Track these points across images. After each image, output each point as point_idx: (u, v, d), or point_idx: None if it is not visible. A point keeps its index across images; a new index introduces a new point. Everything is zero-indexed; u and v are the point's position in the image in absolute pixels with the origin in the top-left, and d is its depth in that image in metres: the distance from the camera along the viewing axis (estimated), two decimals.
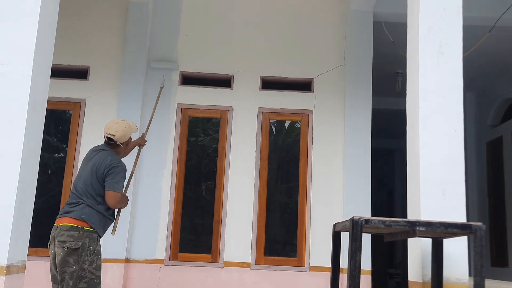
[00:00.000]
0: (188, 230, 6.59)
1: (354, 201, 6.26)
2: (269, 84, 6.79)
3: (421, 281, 3.56)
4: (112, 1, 6.90)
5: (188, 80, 6.81)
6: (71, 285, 3.77)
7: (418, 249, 3.63)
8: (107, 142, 4.14)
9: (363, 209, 6.16)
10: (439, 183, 3.67)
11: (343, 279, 5.32)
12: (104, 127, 4.16)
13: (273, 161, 6.70)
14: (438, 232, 3.15)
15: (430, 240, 3.49)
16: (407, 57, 4.12)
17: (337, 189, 6.43)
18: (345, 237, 3.66)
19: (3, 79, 3.64)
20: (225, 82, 6.78)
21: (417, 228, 3.00)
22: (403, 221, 3.03)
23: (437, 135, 3.76)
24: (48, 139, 6.51)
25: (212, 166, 6.68)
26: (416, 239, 3.61)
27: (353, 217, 3.01)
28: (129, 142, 4.27)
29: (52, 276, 3.93)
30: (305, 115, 6.70)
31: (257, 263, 6.33)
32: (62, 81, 6.55)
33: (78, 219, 3.84)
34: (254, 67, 6.79)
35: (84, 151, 6.38)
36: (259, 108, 6.70)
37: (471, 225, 3.00)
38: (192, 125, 6.79)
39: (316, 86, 6.73)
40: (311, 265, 6.30)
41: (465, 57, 4.08)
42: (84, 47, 6.76)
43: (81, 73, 6.72)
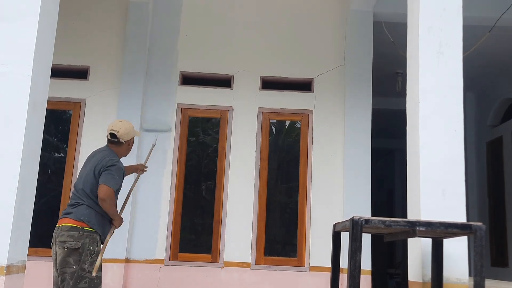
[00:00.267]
0: (188, 230, 6.59)
1: (354, 201, 6.26)
2: (269, 84, 6.79)
3: (421, 281, 3.56)
4: (112, 1, 6.90)
5: (188, 80, 6.81)
6: (71, 285, 3.79)
7: (418, 249, 3.63)
8: (110, 140, 4.17)
9: (363, 209, 6.16)
10: (439, 183, 3.67)
11: (343, 279, 5.32)
12: (108, 126, 4.21)
13: (273, 161, 6.70)
14: (438, 232, 3.15)
15: (430, 240, 3.49)
16: (407, 57, 4.12)
17: (337, 189, 6.43)
18: (345, 237, 3.66)
19: (3, 79, 3.64)
20: (225, 82, 6.78)
21: (417, 228, 3.00)
22: (403, 221, 3.03)
23: (437, 135, 3.76)
24: (48, 139, 6.51)
25: (212, 166, 6.68)
26: (416, 239, 3.61)
27: (353, 217, 3.01)
28: (131, 143, 4.28)
29: (54, 277, 3.94)
30: (305, 115, 6.70)
31: (257, 263, 6.33)
32: (62, 81, 6.56)
33: (78, 220, 3.87)
34: (254, 67, 6.79)
35: (84, 151, 6.45)
36: (259, 108, 6.70)
37: (471, 225, 3.00)
38: (192, 125, 6.79)
39: (316, 86, 6.73)
40: (311, 265, 6.30)
41: (465, 57, 4.08)
42: (84, 47, 6.76)
43: (81, 73, 6.72)
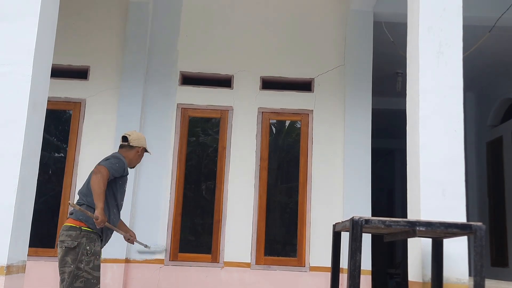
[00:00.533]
0: (188, 230, 6.59)
1: (354, 201, 6.26)
2: (269, 84, 6.79)
3: (421, 281, 3.55)
4: (112, 1, 6.90)
5: (188, 80, 6.80)
6: (67, 284, 3.80)
7: (418, 249, 3.62)
8: (121, 144, 4.35)
9: (363, 209, 6.16)
10: (439, 183, 3.66)
11: (343, 279, 5.32)
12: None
13: (273, 161, 6.70)
14: (438, 232, 3.15)
15: (430, 240, 3.49)
16: (407, 57, 4.12)
17: (337, 189, 6.43)
18: (345, 237, 3.66)
19: (3, 79, 3.63)
20: (225, 82, 6.78)
21: (417, 228, 3.00)
22: (403, 221, 3.03)
23: (437, 135, 3.76)
24: (48, 139, 6.50)
25: (212, 166, 6.68)
26: (416, 239, 3.61)
27: (353, 217, 3.01)
28: (141, 153, 4.41)
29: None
30: (305, 115, 6.70)
31: (257, 263, 6.33)
32: (62, 81, 6.55)
33: (76, 219, 3.94)
34: (254, 67, 6.79)
35: (84, 151, 6.45)
36: (259, 108, 6.70)
37: (471, 225, 3.00)
38: (192, 125, 6.79)
39: (316, 86, 6.73)
40: (311, 265, 6.30)
41: (465, 57, 4.08)
42: (84, 47, 6.76)
43: (81, 73, 6.72)
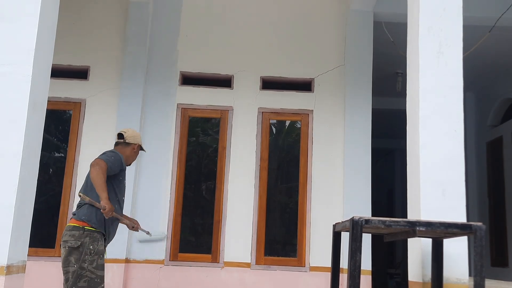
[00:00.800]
0: (188, 230, 6.59)
1: (354, 201, 6.26)
2: (269, 84, 6.79)
3: (421, 281, 3.55)
4: (112, 1, 6.90)
5: (188, 80, 6.80)
6: (71, 284, 3.81)
7: (418, 249, 3.62)
8: (117, 142, 4.35)
9: (363, 209, 6.16)
10: (439, 183, 3.66)
11: (343, 279, 5.32)
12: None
13: (273, 161, 6.69)
14: (438, 232, 3.15)
15: (430, 240, 3.49)
16: (407, 57, 4.12)
17: (337, 189, 6.43)
18: (345, 237, 3.66)
19: (3, 79, 3.63)
20: (225, 82, 6.78)
21: (417, 228, 3.00)
22: (403, 221, 3.03)
23: (437, 135, 3.76)
24: (48, 139, 6.50)
25: (212, 166, 6.68)
26: (416, 239, 3.61)
27: (353, 217, 3.01)
28: (136, 150, 4.40)
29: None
30: (305, 115, 6.70)
31: (257, 263, 6.33)
32: (62, 81, 6.55)
33: (79, 219, 3.98)
34: (254, 67, 6.78)
35: (84, 151, 6.45)
36: (259, 108, 6.70)
37: (471, 225, 3.00)
38: (192, 125, 6.79)
39: (316, 86, 6.73)
40: (311, 265, 6.30)
41: (465, 57, 4.08)
42: (84, 47, 6.76)
43: (81, 73, 6.72)
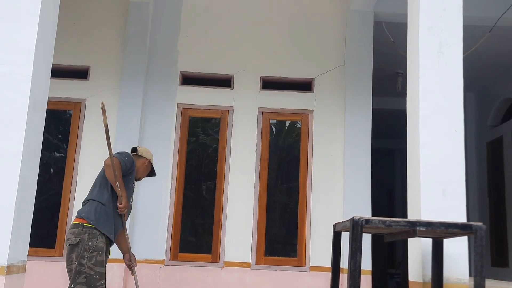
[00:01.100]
0: (188, 230, 6.58)
1: (354, 201, 6.26)
2: (269, 84, 6.79)
3: (421, 281, 3.55)
4: (112, 1, 6.90)
5: (188, 80, 6.80)
6: (71, 280, 3.83)
7: (418, 249, 3.62)
8: (131, 153, 4.39)
9: (363, 209, 6.16)
10: (439, 183, 3.66)
11: (343, 279, 5.32)
12: None
13: (273, 161, 6.69)
14: (438, 232, 3.15)
15: (430, 240, 3.49)
16: (407, 57, 4.12)
17: (337, 189, 6.43)
18: (345, 237, 3.66)
19: (3, 79, 3.63)
20: (225, 82, 6.78)
21: (417, 228, 2.99)
22: (403, 221, 3.03)
23: (437, 135, 3.76)
24: (48, 139, 6.50)
25: (212, 166, 6.68)
26: (416, 239, 3.61)
27: (353, 217, 3.01)
28: (148, 165, 4.44)
29: None
30: (305, 115, 6.70)
31: (257, 263, 6.33)
32: (62, 81, 6.56)
33: (79, 217, 4.05)
34: (254, 67, 6.79)
35: (85, 151, 6.46)
36: (259, 108, 6.70)
37: (471, 225, 3.00)
38: (192, 125, 6.79)
39: (316, 86, 6.73)
40: (311, 265, 6.30)
41: (465, 57, 4.08)
42: (84, 47, 6.76)
43: (81, 73, 6.72)
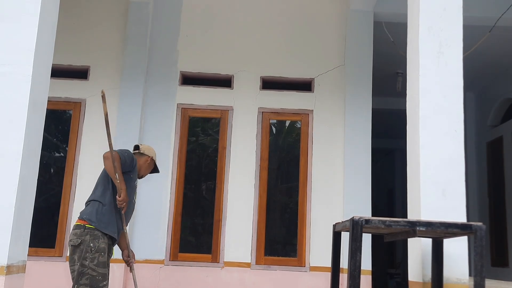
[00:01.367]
0: (188, 230, 6.59)
1: (354, 201, 6.26)
2: (269, 84, 6.79)
3: (421, 281, 3.55)
4: (112, 1, 6.90)
5: (188, 80, 6.80)
6: (74, 282, 3.84)
7: (418, 249, 3.62)
8: (133, 151, 4.43)
9: (363, 209, 6.16)
10: (439, 183, 3.66)
11: (343, 279, 5.32)
12: None
13: (273, 161, 6.69)
14: (438, 232, 3.15)
15: (430, 240, 3.49)
16: (407, 57, 4.12)
17: (337, 189, 6.43)
18: (345, 237, 3.66)
19: (3, 79, 3.63)
20: (225, 82, 6.78)
21: (417, 228, 2.99)
22: (403, 221, 3.03)
23: (437, 135, 3.76)
24: (48, 139, 6.50)
25: (212, 166, 6.68)
26: (416, 239, 3.61)
27: (353, 217, 3.01)
28: (150, 163, 4.46)
29: None
30: (305, 115, 6.70)
31: (257, 263, 6.33)
32: (62, 81, 6.56)
33: (81, 218, 4.07)
34: (254, 67, 6.79)
35: (85, 151, 6.46)
36: (259, 108, 6.70)
37: (471, 225, 3.00)
38: (192, 125, 6.79)
39: (316, 86, 6.73)
40: (311, 265, 6.30)
41: (465, 57, 4.08)
42: (84, 47, 6.76)
43: (81, 73, 6.72)
